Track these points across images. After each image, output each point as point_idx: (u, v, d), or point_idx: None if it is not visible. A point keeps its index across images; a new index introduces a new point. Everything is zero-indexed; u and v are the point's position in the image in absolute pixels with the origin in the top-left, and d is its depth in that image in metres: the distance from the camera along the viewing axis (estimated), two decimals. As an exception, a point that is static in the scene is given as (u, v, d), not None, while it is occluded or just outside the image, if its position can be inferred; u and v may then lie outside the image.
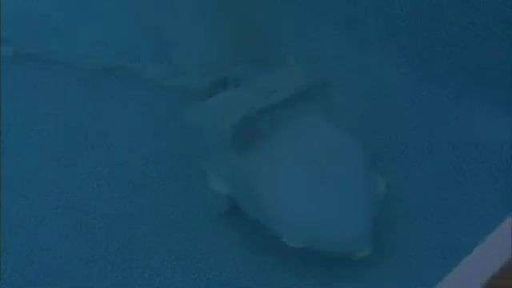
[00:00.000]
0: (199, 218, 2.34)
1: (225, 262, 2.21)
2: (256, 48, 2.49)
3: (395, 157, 2.45)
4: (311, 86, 2.30)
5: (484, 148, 2.39)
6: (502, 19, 2.73)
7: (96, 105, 2.76)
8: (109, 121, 2.69)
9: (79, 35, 2.96)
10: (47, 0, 3.11)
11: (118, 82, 2.80)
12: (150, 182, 2.47)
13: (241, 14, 2.56)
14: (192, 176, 2.45)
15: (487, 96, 2.54)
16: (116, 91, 2.78)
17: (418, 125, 2.56)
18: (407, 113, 2.60)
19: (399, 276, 1.98)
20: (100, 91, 2.79)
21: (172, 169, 2.50)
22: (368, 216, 2.08)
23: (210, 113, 2.35)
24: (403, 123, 2.58)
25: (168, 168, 2.51)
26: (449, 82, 2.64)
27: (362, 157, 2.21)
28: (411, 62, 2.73)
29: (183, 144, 2.52)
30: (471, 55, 2.70)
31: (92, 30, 2.97)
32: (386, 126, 2.57)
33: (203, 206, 2.36)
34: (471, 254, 1.49)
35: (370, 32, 2.85)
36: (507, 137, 2.38)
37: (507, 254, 1.47)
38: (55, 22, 3.03)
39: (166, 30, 2.71)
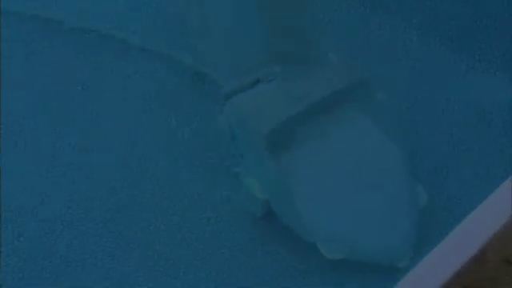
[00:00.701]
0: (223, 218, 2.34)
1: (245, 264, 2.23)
2: (296, 47, 2.40)
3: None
4: (351, 86, 2.25)
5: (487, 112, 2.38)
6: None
7: (121, 92, 2.77)
8: (137, 115, 2.68)
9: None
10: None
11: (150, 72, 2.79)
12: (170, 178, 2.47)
13: (281, 12, 2.47)
14: (215, 175, 2.43)
15: (490, 64, 2.53)
16: (147, 81, 2.77)
17: (423, 89, 2.55)
18: (413, 73, 2.59)
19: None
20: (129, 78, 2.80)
21: (196, 167, 2.47)
22: (409, 226, 2.04)
23: (246, 115, 2.27)
24: (408, 83, 2.56)
25: (191, 165, 2.48)
26: (452, 51, 2.63)
27: (404, 164, 2.16)
28: (413, 26, 2.72)
29: (210, 143, 2.50)
30: (475, 24, 2.67)
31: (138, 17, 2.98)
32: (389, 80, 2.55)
33: (229, 207, 2.35)
34: (472, 213, 1.50)
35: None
36: (508, 102, 2.37)
37: (507, 214, 1.48)
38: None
39: (207, 27, 2.66)
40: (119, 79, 2.81)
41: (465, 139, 2.37)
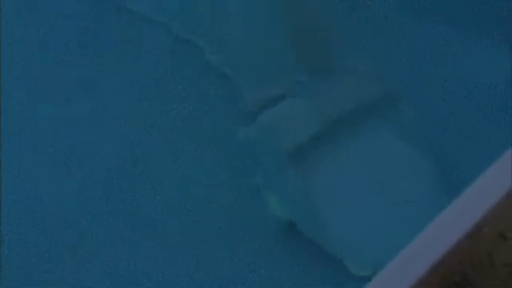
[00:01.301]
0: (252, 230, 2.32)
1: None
2: (320, 58, 2.40)
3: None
4: (377, 98, 2.25)
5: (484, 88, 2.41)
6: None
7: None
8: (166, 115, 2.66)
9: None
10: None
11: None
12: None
13: (306, 23, 2.44)
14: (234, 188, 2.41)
15: (487, 40, 2.54)
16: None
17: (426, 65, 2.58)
18: (409, 46, 2.60)
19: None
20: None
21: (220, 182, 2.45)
22: None
23: (270, 131, 2.27)
24: (409, 57, 2.57)
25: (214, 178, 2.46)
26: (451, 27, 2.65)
27: (432, 177, 2.15)
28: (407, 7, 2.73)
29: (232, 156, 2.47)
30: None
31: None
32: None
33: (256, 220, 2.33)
34: (468, 189, 1.53)
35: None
36: (506, 76, 2.38)
37: (503, 190, 1.51)
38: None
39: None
40: (121, 81, 2.83)
41: (470, 126, 2.38)
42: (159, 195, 2.44)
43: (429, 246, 1.51)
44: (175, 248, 2.30)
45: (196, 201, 2.40)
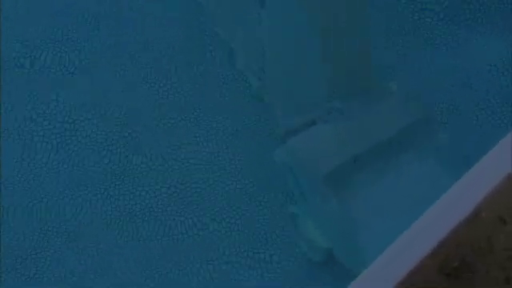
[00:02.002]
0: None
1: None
2: (357, 82, 2.36)
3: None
4: (413, 124, 2.22)
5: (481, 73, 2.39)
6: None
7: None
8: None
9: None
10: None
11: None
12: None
13: (344, 47, 2.41)
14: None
15: (485, 28, 2.54)
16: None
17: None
18: (409, 39, 2.61)
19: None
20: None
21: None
22: None
23: (306, 156, 2.25)
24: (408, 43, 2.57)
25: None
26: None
27: None
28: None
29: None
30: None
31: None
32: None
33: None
34: (468, 173, 1.53)
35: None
36: (504, 61, 2.39)
37: (502, 174, 1.51)
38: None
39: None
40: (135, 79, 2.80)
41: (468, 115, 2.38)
42: (164, 194, 2.44)
43: (428, 230, 1.51)
44: (181, 249, 2.31)
45: (201, 200, 2.40)
